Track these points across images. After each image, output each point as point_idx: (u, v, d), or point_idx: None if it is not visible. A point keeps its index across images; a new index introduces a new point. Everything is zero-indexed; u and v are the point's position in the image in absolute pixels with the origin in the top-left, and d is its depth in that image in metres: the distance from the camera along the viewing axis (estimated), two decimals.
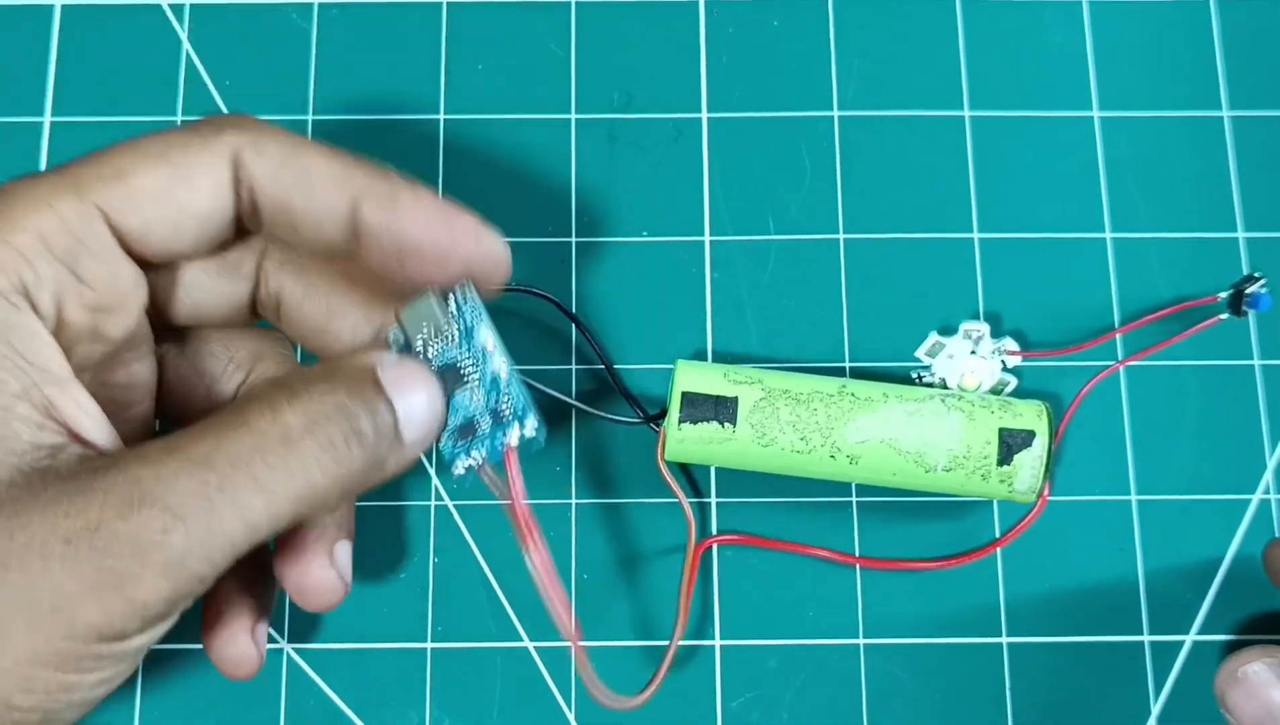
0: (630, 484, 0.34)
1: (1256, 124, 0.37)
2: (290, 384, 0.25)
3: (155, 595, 0.23)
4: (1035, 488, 0.31)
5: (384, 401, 0.26)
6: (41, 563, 0.22)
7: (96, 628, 0.22)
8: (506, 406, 0.27)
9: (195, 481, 0.23)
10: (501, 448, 0.27)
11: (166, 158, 0.26)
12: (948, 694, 0.33)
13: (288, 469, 0.24)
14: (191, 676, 0.33)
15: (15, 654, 0.22)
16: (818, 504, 0.34)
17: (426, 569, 0.34)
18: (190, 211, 0.26)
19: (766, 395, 0.31)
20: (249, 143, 0.26)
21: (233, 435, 0.24)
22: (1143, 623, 0.33)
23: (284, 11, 0.37)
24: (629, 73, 0.37)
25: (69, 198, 0.25)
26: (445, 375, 0.27)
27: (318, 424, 0.24)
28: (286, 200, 0.27)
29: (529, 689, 0.33)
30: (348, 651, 0.33)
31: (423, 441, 0.27)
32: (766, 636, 0.33)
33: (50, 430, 0.24)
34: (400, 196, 0.27)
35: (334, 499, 0.25)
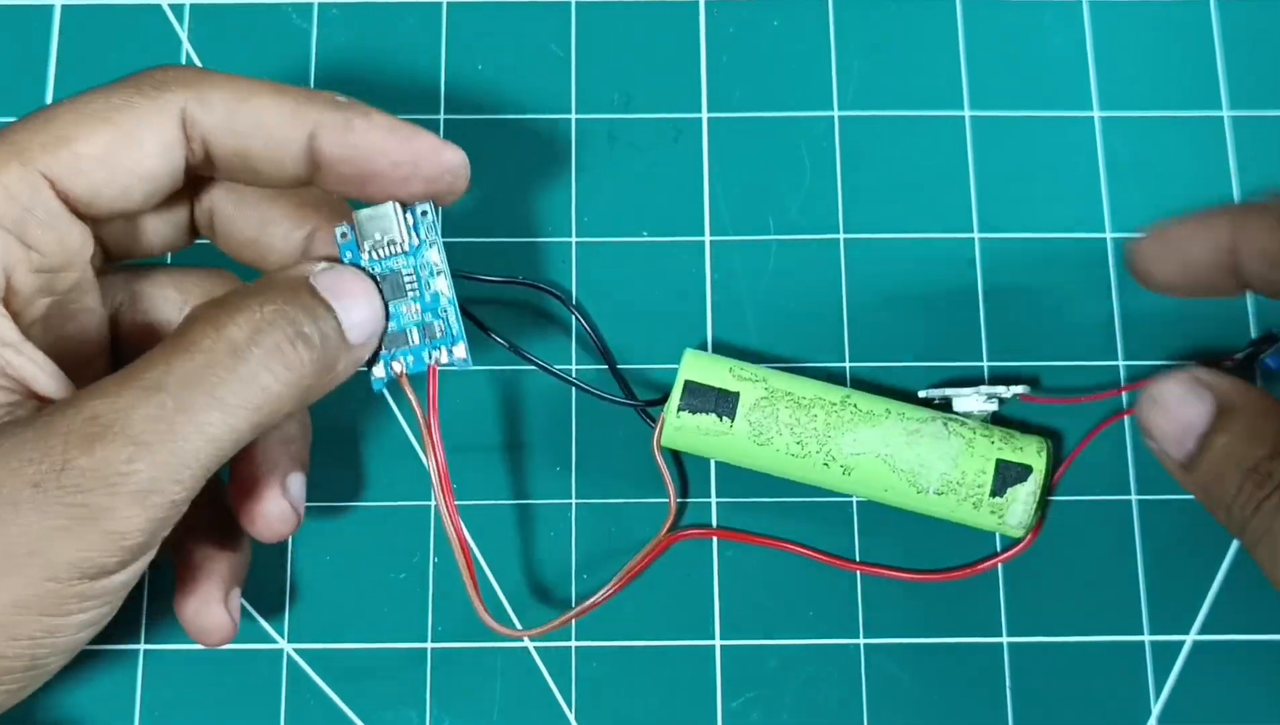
0: (626, 478, 0.34)
1: (1256, 124, 0.37)
2: (229, 300, 0.25)
3: (130, 525, 0.23)
4: (1025, 524, 0.31)
5: (322, 306, 0.26)
6: (12, 510, 0.22)
7: (76, 566, 0.23)
8: (439, 327, 0.28)
9: (152, 406, 0.23)
10: (426, 363, 0.28)
11: (111, 120, 0.25)
12: (948, 694, 0.33)
13: (239, 380, 0.24)
14: (191, 676, 0.33)
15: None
16: (817, 504, 0.34)
17: (426, 569, 0.34)
18: (138, 173, 0.26)
19: (769, 395, 0.31)
20: (194, 97, 0.26)
21: (182, 357, 0.24)
22: (1143, 623, 0.33)
23: (284, 11, 0.37)
24: (629, 73, 0.37)
25: (13, 167, 0.25)
26: (387, 281, 0.28)
27: (261, 332, 0.25)
28: (242, 147, 0.27)
29: (529, 689, 0.33)
30: (348, 651, 0.33)
31: (368, 342, 0.28)
32: (766, 636, 0.33)
33: (4, 389, 0.24)
34: (355, 122, 0.27)
35: (290, 404, 0.25)
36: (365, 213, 0.28)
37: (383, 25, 0.37)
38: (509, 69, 0.37)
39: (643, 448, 0.34)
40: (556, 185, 0.36)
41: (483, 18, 0.37)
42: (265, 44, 0.37)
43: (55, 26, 0.37)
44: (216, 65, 0.37)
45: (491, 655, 0.33)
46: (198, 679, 0.33)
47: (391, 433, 0.35)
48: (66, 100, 0.26)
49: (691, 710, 0.33)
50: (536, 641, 0.33)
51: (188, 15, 0.37)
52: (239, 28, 0.37)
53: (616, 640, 0.33)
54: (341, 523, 0.34)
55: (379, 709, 0.33)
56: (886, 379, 0.35)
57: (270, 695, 0.33)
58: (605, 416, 0.34)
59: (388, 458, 0.34)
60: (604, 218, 0.36)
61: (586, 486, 0.34)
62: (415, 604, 0.33)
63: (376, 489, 0.34)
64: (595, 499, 0.34)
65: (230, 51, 0.37)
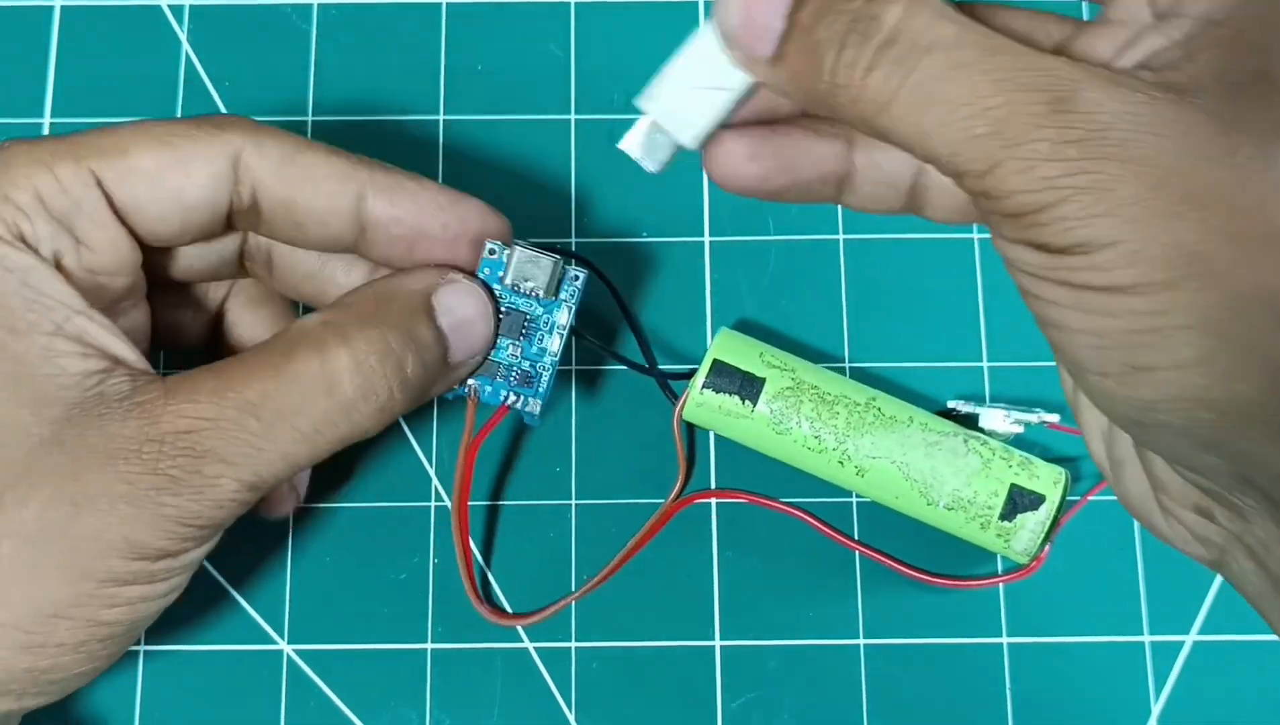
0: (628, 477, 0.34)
1: None
2: (338, 324, 0.26)
3: (210, 523, 0.25)
4: (1030, 552, 0.31)
5: (434, 332, 0.27)
6: (108, 502, 0.24)
7: (164, 549, 0.25)
8: (531, 377, 0.29)
9: (245, 432, 0.25)
10: (501, 400, 0.29)
11: (168, 142, 0.26)
12: (948, 694, 0.33)
13: (330, 421, 0.26)
14: (191, 676, 0.33)
15: (100, 577, 0.24)
16: (819, 504, 0.34)
17: (426, 569, 0.34)
18: (182, 198, 0.27)
19: (794, 386, 0.32)
20: (251, 142, 0.27)
21: (282, 385, 0.25)
22: (1143, 623, 0.33)
23: (284, 12, 0.37)
24: (629, 73, 0.37)
25: (67, 162, 0.26)
26: (510, 316, 0.29)
27: (365, 376, 0.26)
28: (290, 198, 0.27)
29: (529, 689, 0.33)
30: (348, 652, 0.33)
31: (470, 366, 0.29)
32: (766, 636, 0.33)
33: (93, 357, 0.25)
34: (405, 186, 0.28)
35: (374, 432, 0.27)
36: (528, 254, 0.28)
37: (383, 25, 0.37)
38: (509, 69, 0.37)
39: (645, 446, 0.34)
40: (556, 185, 0.36)
41: (483, 18, 0.37)
42: (265, 44, 0.37)
43: (55, 26, 0.37)
44: (216, 65, 0.37)
45: (491, 655, 0.33)
46: (198, 679, 0.33)
47: (392, 433, 0.35)
48: (131, 123, 0.27)
49: (691, 710, 0.33)
50: (536, 642, 0.33)
51: (187, 15, 0.37)
52: (239, 28, 0.37)
53: (616, 640, 0.33)
54: (341, 523, 0.34)
55: (379, 709, 0.33)
56: (886, 379, 0.35)
57: (270, 695, 0.33)
58: (605, 416, 0.35)
59: (388, 458, 0.34)
60: (604, 218, 0.36)
61: (587, 486, 0.34)
62: (415, 604, 0.33)
63: (376, 489, 0.34)
64: (595, 499, 0.34)
65: (230, 52, 0.37)
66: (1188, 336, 0.19)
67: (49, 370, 0.24)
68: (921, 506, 0.31)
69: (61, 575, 0.24)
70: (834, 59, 0.21)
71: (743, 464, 0.34)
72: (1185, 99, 0.20)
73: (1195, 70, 0.20)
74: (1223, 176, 0.19)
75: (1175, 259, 0.19)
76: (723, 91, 0.24)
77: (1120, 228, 0.19)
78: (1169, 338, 0.19)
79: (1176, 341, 0.19)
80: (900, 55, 0.20)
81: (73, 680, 0.26)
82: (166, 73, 0.37)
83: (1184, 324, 0.19)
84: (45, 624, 0.24)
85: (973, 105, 0.20)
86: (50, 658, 0.25)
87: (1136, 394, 0.20)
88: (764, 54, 0.22)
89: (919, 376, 0.35)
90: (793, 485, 0.34)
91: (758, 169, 0.25)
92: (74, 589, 0.24)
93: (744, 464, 0.34)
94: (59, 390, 0.24)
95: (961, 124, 0.20)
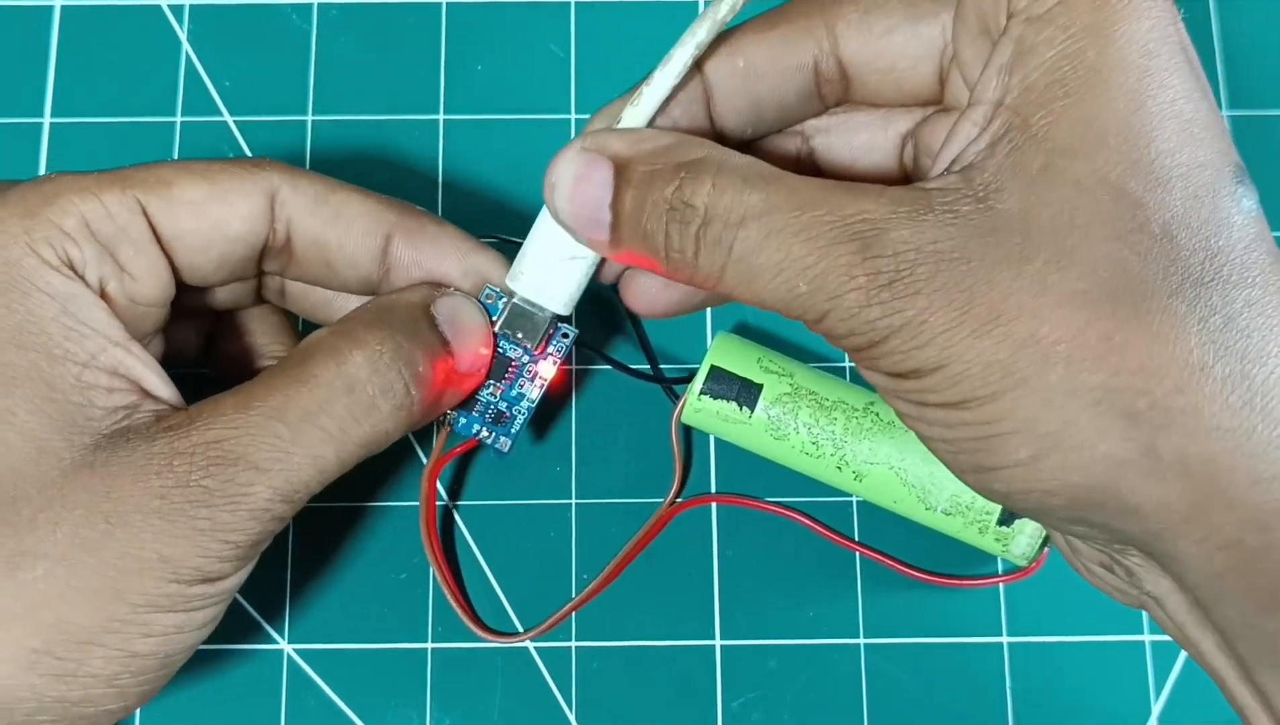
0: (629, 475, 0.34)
1: (1256, 124, 0.37)
2: (349, 331, 0.27)
3: (245, 537, 0.25)
4: (1029, 555, 0.31)
5: (439, 339, 0.28)
6: (142, 518, 0.24)
7: (200, 570, 0.25)
8: (505, 417, 0.30)
9: (271, 436, 0.25)
10: (472, 432, 0.30)
11: (211, 178, 0.27)
12: (948, 694, 0.33)
13: (354, 417, 0.26)
14: (191, 676, 0.33)
15: (134, 601, 0.24)
16: (819, 503, 0.34)
17: (426, 569, 0.34)
18: (224, 232, 0.27)
19: (792, 392, 0.32)
20: (288, 181, 0.28)
21: (301, 389, 0.26)
22: (1143, 623, 0.33)
23: (284, 12, 0.37)
24: (629, 73, 0.37)
25: (114, 189, 0.26)
26: (498, 359, 0.30)
27: (379, 372, 0.26)
28: (322, 235, 0.28)
29: (529, 689, 0.33)
30: (348, 652, 0.33)
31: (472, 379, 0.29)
32: (766, 636, 0.33)
33: (121, 392, 0.25)
34: (428, 230, 0.29)
35: (398, 434, 0.27)
36: (524, 305, 0.29)
37: (383, 25, 0.37)
38: (509, 69, 0.37)
39: (645, 446, 0.34)
40: None
41: (483, 18, 0.37)
42: (265, 44, 0.37)
43: (55, 26, 0.37)
44: (216, 65, 0.37)
45: (491, 655, 0.33)
46: (198, 679, 0.33)
47: None
48: (172, 161, 0.28)
49: (691, 710, 0.33)
50: (536, 642, 0.33)
51: (187, 15, 0.37)
52: (239, 28, 0.37)
53: (616, 640, 0.33)
54: (341, 523, 0.34)
55: (379, 709, 0.33)
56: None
57: (270, 695, 0.33)
58: (606, 415, 0.35)
59: (388, 458, 0.34)
60: None
61: (587, 486, 0.34)
62: (415, 604, 0.33)
63: (376, 489, 0.34)
64: (595, 499, 0.34)
65: (230, 52, 0.37)
66: (1018, 440, 0.21)
67: (79, 399, 0.25)
68: (920, 511, 0.31)
69: (95, 599, 0.24)
70: (664, 245, 0.23)
71: (743, 464, 0.34)
72: (987, 204, 0.21)
73: (995, 166, 0.22)
74: (1023, 286, 0.21)
75: (990, 375, 0.21)
76: (580, 261, 0.27)
77: (940, 354, 0.21)
78: (1004, 442, 0.21)
79: (1010, 445, 0.21)
80: (716, 236, 0.22)
81: (103, 718, 0.25)
82: (166, 73, 0.37)
83: (1011, 430, 0.21)
84: (78, 651, 0.24)
85: (790, 268, 0.22)
86: (83, 688, 0.24)
87: (992, 488, 0.23)
88: (601, 239, 0.24)
89: None
90: (793, 484, 0.34)
91: (675, 293, 0.27)
92: (107, 613, 0.24)
93: (744, 464, 0.34)
94: (88, 420, 0.25)
95: (786, 286, 0.22)
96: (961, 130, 0.23)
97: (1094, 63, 0.21)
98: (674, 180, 0.23)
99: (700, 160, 0.23)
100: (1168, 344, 0.20)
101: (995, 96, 0.22)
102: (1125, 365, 0.20)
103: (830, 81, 0.26)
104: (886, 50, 0.25)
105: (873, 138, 0.27)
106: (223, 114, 0.36)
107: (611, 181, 0.24)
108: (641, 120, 0.25)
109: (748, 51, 0.26)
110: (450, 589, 0.32)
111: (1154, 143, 0.21)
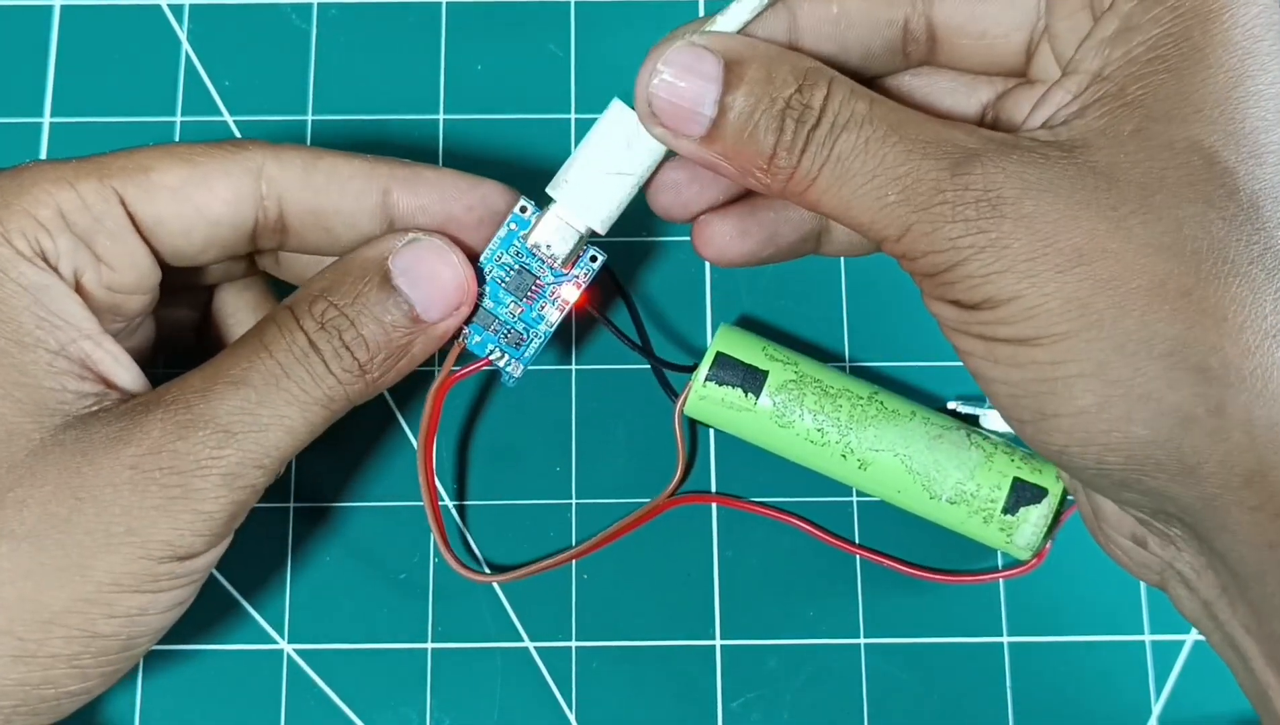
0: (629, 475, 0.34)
1: None
2: (301, 298, 0.27)
3: (218, 505, 0.25)
4: (1033, 546, 0.31)
5: (391, 295, 0.27)
6: (112, 490, 0.24)
7: (169, 544, 0.25)
8: (522, 339, 0.29)
9: (238, 398, 0.25)
10: (485, 352, 0.29)
11: (191, 161, 0.27)
12: (948, 694, 0.33)
13: (310, 379, 0.26)
14: (191, 676, 0.33)
15: (98, 579, 0.24)
16: (820, 503, 0.34)
17: (426, 569, 0.34)
18: (206, 215, 0.27)
19: (797, 378, 0.32)
20: (271, 156, 0.27)
21: (261, 355, 0.26)
22: (1143, 622, 0.33)
23: (283, 11, 0.37)
24: (629, 73, 0.37)
25: (90, 179, 0.26)
26: (520, 275, 0.29)
27: (325, 334, 0.26)
28: (318, 204, 0.28)
29: (529, 689, 0.33)
30: (348, 652, 0.33)
31: (451, 318, 0.28)
32: (766, 636, 0.33)
33: (90, 380, 0.25)
34: (425, 176, 0.28)
35: (363, 394, 0.27)
36: (560, 218, 0.28)
37: (383, 25, 0.37)
38: (509, 69, 0.37)
39: (645, 445, 0.34)
40: None
41: (482, 18, 0.37)
42: (265, 44, 0.37)
43: (55, 26, 0.37)
44: (216, 65, 0.37)
45: (491, 655, 0.33)
46: (198, 679, 0.33)
47: (391, 433, 0.35)
48: (154, 145, 0.27)
49: (691, 710, 0.33)
50: (536, 641, 0.33)
51: (187, 15, 0.37)
52: (238, 28, 0.37)
53: (616, 640, 0.33)
54: (341, 523, 0.34)
55: (379, 709, 0.33)
56: (887, 378, 0.35)
57: (270, 695, 0.33)
58: (606, 415, 0.35)
59: (388, 458, 0.34)
60: None
61: (587, 485, 0.34)
62: (415, 604, 0.33)
63: (376, 489, 0.34)
64: (595, 498, 0.34)
65: (230, 52, 0.37)
66: (1085, 384, 0.21)
67: (50, 384, 0.25)
68: (924, 500, 0.31)
69: (60, 577, 0.24)
70: (773, 141, 0.23)
71: (743, 464, 0.34)
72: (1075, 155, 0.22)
73: (1084, 126, 0.22)
74: (1107, 229, 0.21)
75: (1068, 311, 0.21)
76: (628, 177, 0.27)
77: (1018, 283, 0.21)
78: (1069, 386, 0.21)
79: (1076, 389, 0.21)
80: (823, 135, 0.23)
81: (65, 701, 0.25)
82: (166, 73, 0.37)
83: (1080, 373, 0.21)
84: (40, 630, 0.24)
85: (883, 175, 0.22)
86: (42, 669, 0.24)
87: (1050, 439, 0.22)
88: (693, 134, 0.24)
89: (920, 376, 0.35)
90: (794, 484, 0.34)
91: (749, 244, 0.27)
92: (72, 591, 0.24)
93: (745, 464, 0.34)
94: (59, 403, 0.25)
95: (875, 193, 0.22)
96: (1053, 97, 0.23)
97: (1198, 42, 0.21)
98: (796, 82, 0.23)
99: (816, 67, 0.23)
100: (1243, 307, 0.20)
101: (1094, 67, 0.22)
102: (1201, 321, 0.20)
103: (917, 41, 0.26)
104: (982, 16, 0.25)
105: (955, 104, 0.27)
106: (223, 114, 0.36)
107: (721, 76, 0.24)
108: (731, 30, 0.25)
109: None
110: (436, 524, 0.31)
111: (1249, 118, 0.21)
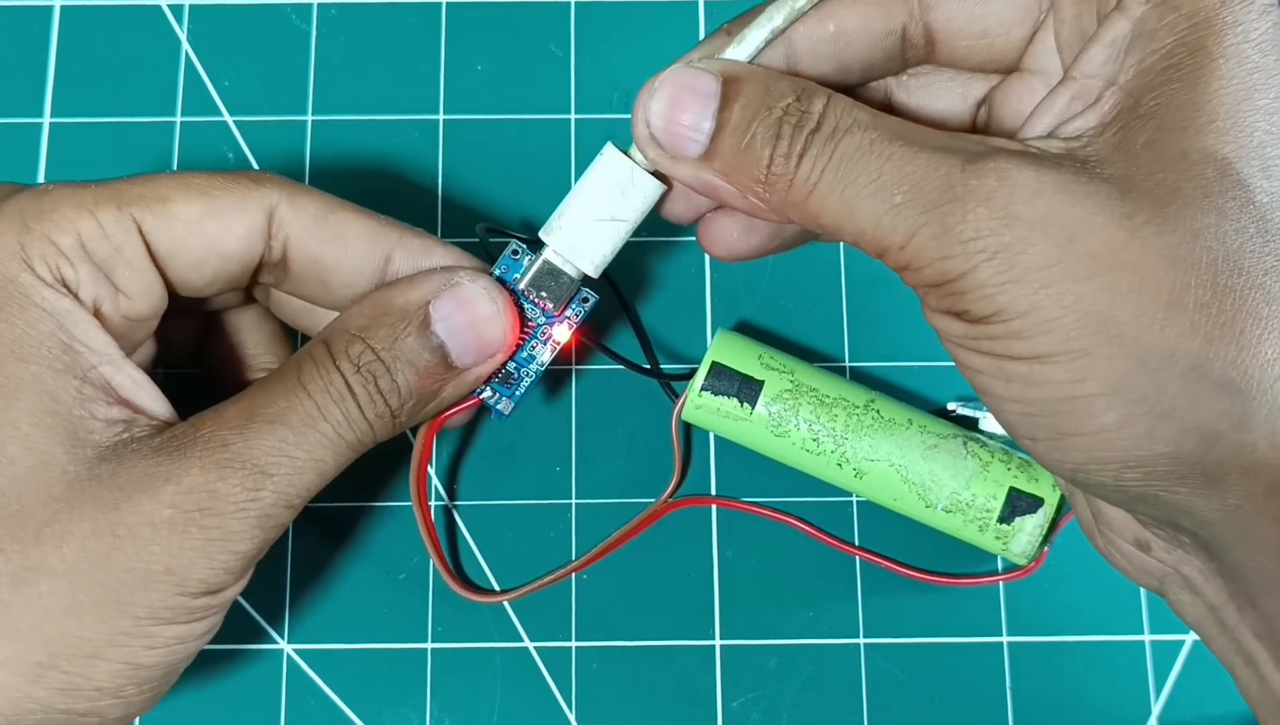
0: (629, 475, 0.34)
1: None
2: (338, 337, 0.27)
3: (252, 545, 0.25)
4: (1029, 554, 0.31)
5: (429, 341, 0.27)
6: (151, 530, 0.24)
7: (205, 582, 0.25)
8: (513, 378, 0.29)
9: (276, 438, 0.25)
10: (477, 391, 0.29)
11: (208, 194, 0.27)
12: (948, 694, 0.33)
13: (346, 422, 0.26)
14: (191, 676, 0.33)
15: (136, 614, 0.24)
16: (819, 504, 0.34)
17: (426, 569, 0.34)
18: (219, 250, 0.27)
19: (793, 388, 0.32)
20: (287, 198, 0.27)
21: (298, 396, 0.26)
22: (1143, 622, 0.33)
23: (283, 12, 0.37)
24: (629, 73, 0.37)
25: (110, 207, 0.26)
26: None
27: (363, 378, 0.26)
28: (321, 256, 0.28)
29: (529, 689, 0.33)
30: (348, 651, 0.33)
31: (486, 365, 0.28)
32: (766, 636, 0.33)
33: (117, 406, 0.25)
34: (434, 252, 0.29)
35: (391, 434, 0.27)
36: (554, 262, 0.28)
37: (382, 25, 0.37)
38: (509, 69, 0.37)
39: (645, 446, 0.34)
40: (556, 185, 0.36)
41: (482, 18, 0.37)
42: (265, 44, 0.37)
43: (55, 26, 0.37)
44: (216, 65, 0.37)
45: (491, 655, 0.33)
46: (198, 679, 0.33)
47: None
48: (171, 172, 0.27)
49: (691, 710, 0.33)
50: (536, 642, 0.33)
51: (187, 15, 0.37)
52: (238, 28, 0.37)
53: (616, 640, 0.33)
54: (341, 523, 0.34)
55: (379, 709, 0.33)
56: (886, 380, 0.35)
57: (270, 695, 0.33)
58: (606, 415, 0.35)
59: (388, 458, 0.34)
60: None
61: (587, 486, 0.34)
62: (415, 604, 0.33)
63: (377, 489, 0.34)
64: (595, 499, 0.34)
65: (230, 52, 0.37)
66: (1106, 402, 0.20)
67: (79, 411, 0.25)
68: (920, 509, 0.31)
69: (100, 613, 0.24)
70: (770, 150, 0.23)
71: (743, 464, 0.34)
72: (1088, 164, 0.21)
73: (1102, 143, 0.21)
74: (1123, 238, 0.20)
75: (1087, 326, 0.20)
76: (620, 223, 0.27)
77: (1034, 294, 0.20)
78: (1088, 405, 0.20)
79: (1096, 408, 0.20)
80: (824, 137, 0.22)
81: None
82: (166, 73, 0.37)
83: (1101, 391, 0.20)
84: (84, 665, 0.24)
85: (888, 175, 0.21)
86: (88, 700, 0.24)
87: (1066, 457, 0.22)
88: (691, 154, 0.24)
89: (919, 377, 0.35)
90: (793, 484, 0.34)
91: (755, 239, 0.27)
92: (112, 627, 0.24)
93: (744, 464, 0.34)
94: (89, 433, 0.25)
95: (881, 195, 0.21)
96: (1060, 99, 0.22)
97: (1212, 52, 0.21)
98: (792, 93, 0.23)
99: (813, 85, 0.23)
100: (1260, 320, 0.20)
101: (1107, 74, 0.22)
102: (1221, 335, 0.20)
103: (915, 46, 0.26)
104: (983, 17, 0.25)
105: (949, 101, 0.27)
106: (222, 114, 0.36)
107: (718, 92, 0.23)
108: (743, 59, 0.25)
109: (839, 16, 0.25)
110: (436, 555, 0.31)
111: (1259, 131, 0.21)
